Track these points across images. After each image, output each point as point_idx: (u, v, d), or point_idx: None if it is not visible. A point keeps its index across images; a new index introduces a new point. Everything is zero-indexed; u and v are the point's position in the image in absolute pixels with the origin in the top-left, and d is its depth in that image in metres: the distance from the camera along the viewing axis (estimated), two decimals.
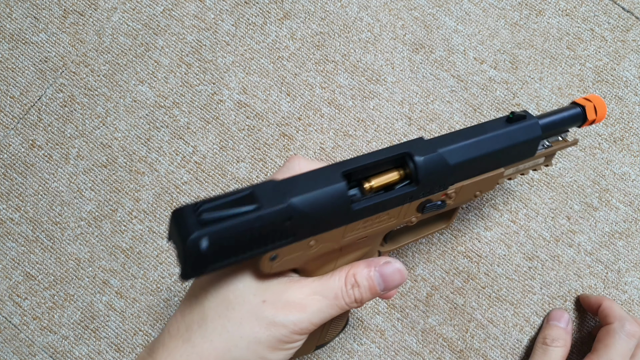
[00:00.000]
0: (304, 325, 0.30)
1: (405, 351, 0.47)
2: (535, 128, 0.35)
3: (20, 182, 0.50)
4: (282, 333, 0.29)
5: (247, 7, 0.53)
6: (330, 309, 0.31)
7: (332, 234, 0.30)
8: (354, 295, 0.31)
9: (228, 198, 0.27)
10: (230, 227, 0.26)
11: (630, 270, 0.48)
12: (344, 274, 0.32)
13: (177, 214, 0.27)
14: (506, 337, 0.47)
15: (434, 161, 0.31)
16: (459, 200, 0.36)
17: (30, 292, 0.48)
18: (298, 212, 0.27)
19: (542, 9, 0.53)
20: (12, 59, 0.53)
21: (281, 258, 0.29)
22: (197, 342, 0.29)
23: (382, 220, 0.32)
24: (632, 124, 0.51)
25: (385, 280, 0.32)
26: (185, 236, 0.25)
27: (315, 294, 0.31)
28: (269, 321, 0.29)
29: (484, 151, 0.33)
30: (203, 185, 0.50)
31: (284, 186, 0.28)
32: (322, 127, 0.51)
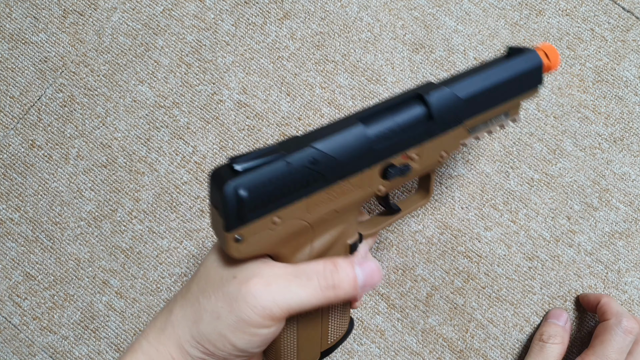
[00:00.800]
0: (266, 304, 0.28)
1: (405, 351, 0.47)
2: (536, 57, 0.37)
3: (20, 182, 0.50)
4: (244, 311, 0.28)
5: (247, 7, 0.53)
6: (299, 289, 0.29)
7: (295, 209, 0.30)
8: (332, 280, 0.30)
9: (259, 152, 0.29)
10: (263, 173, 0.28)
11: (630, 270, 0.48)
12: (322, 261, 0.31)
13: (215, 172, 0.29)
14: (506, 337, 0.47)
15: (445, 96, 0.33)
16: (425, 163, 0.35)
17: (30, 292, 0.48)
18: (322, 153, 0.30)
19: (542, 9, 0.53)
20: (11, 58, 0.53)
21: (246, 238, 0.29)
22: (175, 312, 0.30)
23: (345, 191, 0.32)
24: (632, 124, 0.51)
25: (366, 275, 0.31)
26: (224, 188, 0.28)
27: (287, 273, 0.30)
28: (232, 296, 0.28)
29: (493, 82, 0.35)
30: (203, 185, 0.50)
31: (305, 136, 0.31)
32: None
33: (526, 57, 0.36)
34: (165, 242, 0.49)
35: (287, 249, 0.31)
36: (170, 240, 0.49)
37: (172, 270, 0.49)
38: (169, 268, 0.49)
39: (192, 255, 0.49)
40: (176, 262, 0.49)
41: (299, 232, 0.31)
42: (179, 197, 0.50)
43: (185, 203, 0.50)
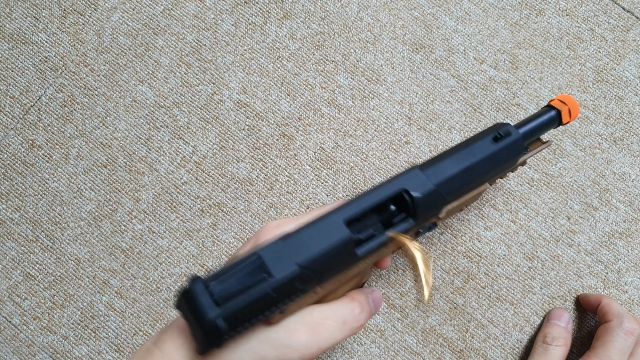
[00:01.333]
0: (313, 350, 0.30)
1: (405, 351, 0.47)
2: (519, 143, 0.36)
3: (20, 182, 0.50)
4: (291, 356, 0.29)
5: (247, 7, 0.53)
6: (339, 334, 0.31)
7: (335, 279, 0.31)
8: (361, 321, 0.33)
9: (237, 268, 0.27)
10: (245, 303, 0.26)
11: (630, 270, 0.48)
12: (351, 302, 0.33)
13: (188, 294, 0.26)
14: (506, 337, 0.47)
15: (431, 196, 0.32)
16: (447, 217, 0.37)
17: (30, 292, 0.48)
18: (308, 272, 0.28)
19: (542, 8, 0.53)
20: (11, 58, 0.53)
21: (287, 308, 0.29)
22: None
23: (380, 253, 0.33)
24: (632, 124, 0.51)
25: (375, 305, 0.35)
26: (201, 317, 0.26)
27: (326, 318, 0.31)
28: (280, 343, 0.29)
29: (476, 176, 0.34)
30: (203, 185, 0.50)
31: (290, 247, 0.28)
32: (322, 127, 0.51)
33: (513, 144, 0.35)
34: (165, 242, 0.49)
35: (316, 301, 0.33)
36: (170, 240, 0.49)
37: (172, 270, 0.49)
38: (169, 268, 0.49)
39: (192, 255, 0.49)
40: (176, 262, 0.49)
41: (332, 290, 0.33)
42: (179, 197, 0.50)
43: (185, 203, 0.50)
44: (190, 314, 0.26)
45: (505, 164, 0.36)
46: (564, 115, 0.38)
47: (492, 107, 0.51)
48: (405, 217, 0.32)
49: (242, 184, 0.50)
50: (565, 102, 0.39)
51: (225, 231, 0.49)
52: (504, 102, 0.51)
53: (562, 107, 0.38)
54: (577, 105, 0.39)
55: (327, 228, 0.29)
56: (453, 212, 0.37)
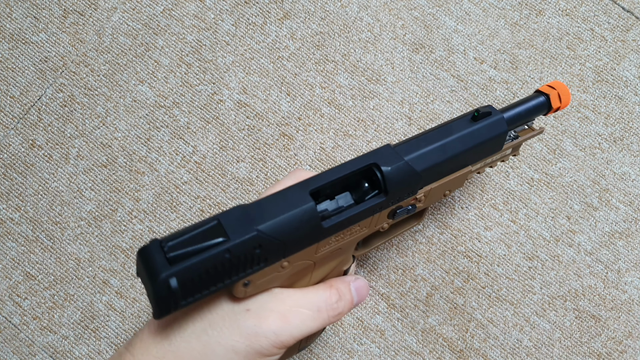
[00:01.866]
0: (284, 338, 0.30)
1: (405, 351, 0.47)
2: (500, 123, 0.34)
3: (20, 182, 0.50)
4: (262, 345, 0.29)
5: (247, 7, 0.53)
6: (313, 322, 0.31)
7: (304, 253, 0.30)
8: (338, 309, 0.32)
9: (194, 231, 0.27)
10: (199, 263, 0.26)
11: (630, 270, 0.48)
12: (327, 288, 0.32)
13: (144, 252, 0.26)
14: (506, 337, 0.47)
15: (401, 170, 0.31)
16: (429, 201, 0.36)
17: (30, 292, 0.48)
18: (267, 238, 0.27)
19: (542, 8, 0.53)
20: (12, 58, 0.53)
21: (254, 282, 0.29)
22: (174, 341, 0.29)
23: (354, 231, 0.32)
24: (632, 124, 0.51)
25: (359, 294, 0.34)
26: (154, 277, 0.25)
27: (299, 306, 0.31)
28: (250, 331, 0.29)
29: (451, 154, 0.33)
30: (203, 185, 0.50)
31: (250, 212, 0.27)
32: (322, 127, 0.51)
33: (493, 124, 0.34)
34: None
35: (289, 282, 0.32)
36: None
37: None
38: None
39: None
40: None
41: (304, 269, 0.32)
42: (179, 196, 0.50)
43: (185, 203, 0.50)
44: (145, 274, 0.26)
45: (486, 145, 0.34)
46: (553, 100, 0.37)
47: None
48: (377, 193, 0.31)
49: (242, 184, 0.50)
50: (555, 87, 0.37)
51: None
52: (504, 102, 0.51)
53: (550, 92, 0.37)
54: (567, 90, 0.37)
55: (290, 197, 0.28)
56: (435, 196, 0.35)
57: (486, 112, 0.34)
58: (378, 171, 0.30)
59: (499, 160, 0.39)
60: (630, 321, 0.47)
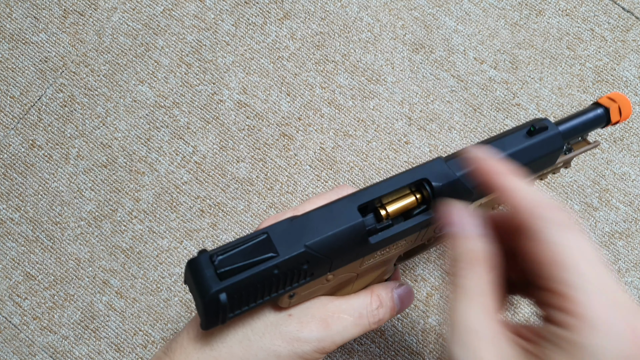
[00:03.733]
0: (326, 344, 0.30)
1: (405, 351, 0.47)
2: (557, 139, 0.33)
3: (20, 182, 0.50)
4: (304, 350, 0.29)
5: (247, 7, 0.53)
6: (354, 329, 0.31)
7: (349, 267, 0.30)
8: (379, 315, 0.32)
9: (243, 245, 0.27)
10: (248, 278, 0.26)
11: (630, 270, 0.48)
12: (369, 295, 0.32)
13: (194, 264, 0.26)
14: None
15: (452, 187, 0.29)
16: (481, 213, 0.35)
17: (30, 292, 0.48)
18: (315, 254, 0.27)
19: (542, 9, 0.53)
20: (12, 59, 0.53)
21: (299, 294, 0.29)
22: (216, 347, 0.29)
23: (399, 245, 0.31)
24: (632, 124, 0.51)
25: (402, 302, 0.33)
26: (204, 291, 0.26)
27: (341, 312, 0.31)
28: (292, 336, 0.29)
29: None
30: (203, 185, 0.50)
31: (299, 227, 0.27)
32: (322, 127, 0.51)
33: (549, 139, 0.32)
34: (165, 242, 0.49)
35: (331, 291, 0.32)
36: (170, 240, 0.49)
37: (172, 270, 0.49)
38: (169, 268, 0.49)
39: (192, 255, 0.49)
40: (176, 262, 0.49)
41: (347, 281, 0.32)
42: (179, 197, 0.50)
43: (185, 203, 0.50)
44: (194, 287, 0.26)
45: (540, 161, 0.33)
46: (613, 113, 0.35)
47: (492, 107, 0.51)
48: (425, 208, 0.30)
49: (242, 184, 0.50)
50: (615, 99, 0.35)
51: (225, 231, 0.49)
52: (504, 102, 0.51)
53: (610, 105, 0.35)
54: (629, 102, 0.35)
55: (338, 212, 0.28)
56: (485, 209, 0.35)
57: (542, 127, 0.32)
58: (429, 186, 0.29)
59: (549, 172, 0.37)
60: None
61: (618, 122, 0.36)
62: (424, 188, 0.29)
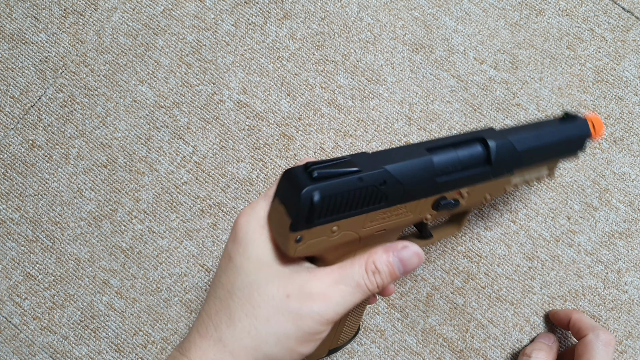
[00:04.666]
0: (329, 316, 0.31)
1: (405, 351, 0.47)
2: (585, 126, 0.40)
3: (20, 182, 0.50)
4: (309, 325, 0.30)
5: (247, 7, 0.53)
6: (353, 297, 0.32)
7: (354, 221, 0.31)
8: (376, 282, 0.32)
9: (332, 162, 0.31)
10: (338, 184, 0.29)
11: (630, 270, 0.48)
12: (364, 261, 0.32)
13: (290, 172, 0.30)
14: (506, 337, 0.47)
15: (505, 146, 0.36)
16: (471, 201, 0.37)
17: (30, 292, 0.48)
18: (391, 177, 0.31)
19: (542, 9, 0.53)
20: (12, 59, 0.53)
21: (305, 241, 0.30)
22: (228, 342, 0.30)
23: (400, 213, 0.33)
24: (632, 124, 0.51)
25: (404, 264, 0.33)
26: (299, 189, 0.29)
27: (337, 283, 0.31)
28: (295, 315, 0.30)
29: (546, 141, 0.38)
30: (203, 185, 0.50)
31: (378, 156, 0.32)
32: (322, 127, 0.51)
33: (578, 125, 0.40)
34: (165, 242, 0.49)
35: (333, 255, 0.33)
36: (170, 240, 0.49)
37: (172, 270, 0.49)
38: (169, 268, 0.49)
39: (192, 255, 0.49)
40: (176, 262, 0.49)
41: (349, 243, 0.33)
42: (179, 197, 0.50)
43: (185, 203, 0.50)
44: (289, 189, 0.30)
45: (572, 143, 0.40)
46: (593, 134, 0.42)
47: (492, 107, 0.51)
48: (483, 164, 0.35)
49: (242, 184, 0.50)
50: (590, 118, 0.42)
51: (225, 231, 0.49)
52: (504, 102, 0.51)
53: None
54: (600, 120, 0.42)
55: (410, 150, 0.33)
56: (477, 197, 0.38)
57: (573, 115, 0.41)
58: (484, 145, 0.35)
59: (535, 179, 0.41)
60: (630, 321, 0.47)
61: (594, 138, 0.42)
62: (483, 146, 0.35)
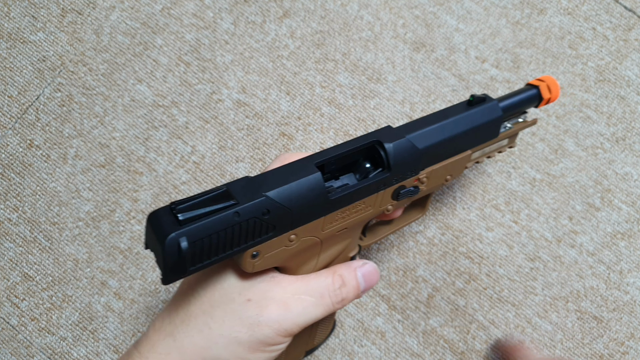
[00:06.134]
0: (287, 326, 0.30)
1: (406, 353, 0.47)
2: (495, 109, 0.36)
3: (18, 182, 0.50)
4: (265, 333, 0.29)
5: (247, 5, 0.53)
6: (315, 309, 0.31)
7: (311, 227, 0.30)
8: (342, 295, 0.32)
9: (203, 197, 0.27)
10: (209, 224, 0.26)
11: (632, 271, 0.48)
12: (330, 274, 0.32)
13: (153, 217, 0.26)
14: (508, 338, 0.47)
15: (403, 146, 0.32)
16: (431, 185, 0.36)
17: (28, 293, 0.48)
18: (275, 204, 0.27)
19: (543, 7, 0.52)
20: (10, 58, 0.52)
21: (262, 255, 0.29)
22: (179, 337, 0.30)
23: (359, 210, 0.32)
24: (635, 124, 0.50)
25: (366, 280, 0.33)
26: (163, 237, 0.25)
27: (301, 293, 0.31)
28: (252, 321, 0.29)
29: (449, 134, 0.34)
30: (202, 185, 0.50)
31: (258, 181, 0.28)
32: (322, 126, 0.51)
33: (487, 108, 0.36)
34: None
35: (295, 262, 0.32)
36: None
37: None
38: None
39: None
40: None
41: (310, 247, 0.32)
42: (177, 197, 0.50)
43: None
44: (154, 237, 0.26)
45: (483, 129, 0.36)
46: (543, 91, 0.39)
47: None
48: (381, 170, 0.32)
49: None
50: (544, 80, 0.40)
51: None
52: None
53: (540, 84, 0.39)
54: (556, 82, 0.39)
55: (296, 168, 0.29)
56: (438, 179, 0.36)
57: (481, 98, 0.36)
58: (381, 148, 0.31)
59: (496, 151, 0.40)
60: (632, 322, 0.47)
61: (549, 101, 0.40)
62: (377, 151, 0.32)
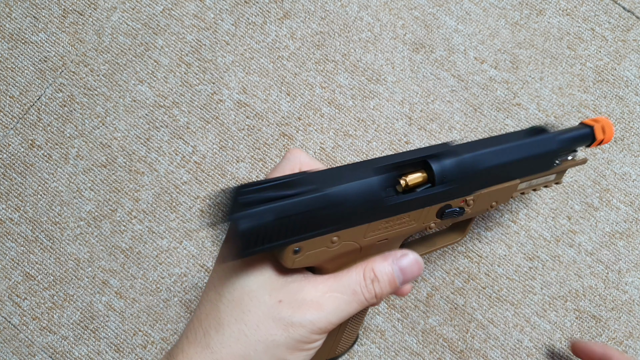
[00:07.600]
0: (322, 325, 0.29)
1: (405, 352, 0.47)
2: (552, 141, 0.37)
3: (19, 182, 0.50)
4: (301, 333, 0.29)
5: (247, 6, 0.53)
6: (349, 306, 0.30)
7: (355, 231, 0.30)
8: (374, 290, 0.31)
9: (268, 183, 0.28)
10: (269, 210, 0.27)
11: (630, 271, 0.48)
12: (362, 269, 0.31)
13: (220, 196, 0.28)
14: (507, 337, 0.47)
15: (458, 165, 0.32)
16: (476, 209, 0.36)
17: (30, 292, 0.48)
18: (334, 201, 0.28)
19: (542, 8, 0.53)
20: (11, 58, 0.53)
21: (304, 252, 0.29)
22: (216, 349, 0.29)
23: (403, 222, 0.32)
24: (633, 124, 0.51)
25: (404, 273, 0.32)
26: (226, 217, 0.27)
27: (332, 291, 0.30)
28: (286, 322, 0.29)
29: (505, 159, 0.34)
30: (203, 185, 0.50)
31: (320, 176, 0.29)
32: (322, 127, 0.51)
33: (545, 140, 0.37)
34: (164, 242, 0.49)
35: (332, 265, 0.32)
36: (170, 240, 0.49)
37: (171, 270, 0.49)
38: (169, 268, 0.49)
39: (192, 255, 0.49)
40: (176, 262, 0.49)
41: (349, 253, 0.32)
42: (178, 197, 0.50)
43: (184, 203, 0.50)
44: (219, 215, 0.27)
45: (537, 160, 0.36)
46: (597, 131, 0.39)
47: (492, 107, 0.51)
48: (429, 186, 0.32)
49: None
50: (599, 120, 0.40)
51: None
52: (505, 102, 0.51)
53: (594, 124, 0.39)
54: (611, 124, 0.40)
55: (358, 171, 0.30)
56: (483, 204, 0.36)
57: (541, 129, 0.37)
58: (435, 164, 0.32)
59: (542, 185, 0.40)
60: (630, 322, 0.47)
61: (602, 142, 0.40)
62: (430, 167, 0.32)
